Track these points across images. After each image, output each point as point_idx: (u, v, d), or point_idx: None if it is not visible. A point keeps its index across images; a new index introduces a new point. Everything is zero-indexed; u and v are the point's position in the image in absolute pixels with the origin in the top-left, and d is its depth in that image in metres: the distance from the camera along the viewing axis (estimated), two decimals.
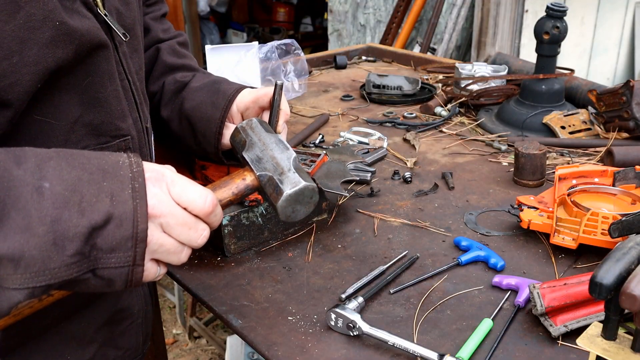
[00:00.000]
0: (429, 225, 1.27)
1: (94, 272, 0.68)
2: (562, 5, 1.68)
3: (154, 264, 0.74)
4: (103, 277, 0.69)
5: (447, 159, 1.60)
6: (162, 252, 0.73)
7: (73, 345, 0.89)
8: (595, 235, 1.10)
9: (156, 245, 0.72)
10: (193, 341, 3.00)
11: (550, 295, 0.93)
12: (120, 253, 0.69)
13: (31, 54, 0.72)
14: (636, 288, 0.65)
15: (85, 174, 0.69)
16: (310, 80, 2.27)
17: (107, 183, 0.69)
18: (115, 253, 0.68)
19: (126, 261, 0.69)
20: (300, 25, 7.03)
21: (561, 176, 1.28)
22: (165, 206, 0.72)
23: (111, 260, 0.68)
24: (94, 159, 0.71)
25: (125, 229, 0.68)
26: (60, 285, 0.67)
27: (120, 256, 0.69)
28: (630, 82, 1.56)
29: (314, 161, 1.24)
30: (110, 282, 0.70)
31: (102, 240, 0.67)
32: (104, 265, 0.68)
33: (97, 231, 0.67)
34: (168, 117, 1.17)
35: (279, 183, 0.82)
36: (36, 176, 0.66)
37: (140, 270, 0.71)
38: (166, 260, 0.75)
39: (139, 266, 0.71)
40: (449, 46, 3.74)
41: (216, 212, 0.77)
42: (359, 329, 0.94)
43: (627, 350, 0.70)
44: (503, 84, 1.95)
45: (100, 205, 0.68)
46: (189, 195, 0.74)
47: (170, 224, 0.73)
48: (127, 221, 0.68)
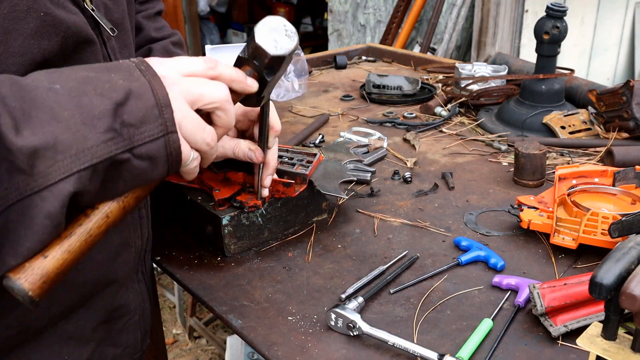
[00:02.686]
0: (429, 225, 1.27)
1: (132, 151, 0.69)
2: (562, 5, 1.68)
3: (186, 144, 0.75)
4: (143, 156, 0.70)
5: (447, 159, 1.60)
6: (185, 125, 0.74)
7: (71, 344, 0.89)
8: (595, 235, 1.10)
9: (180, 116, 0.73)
10: (193, 341, 3.00)
11: (550, 295, 0.93)
12: (151, 124, 0.70)
13: (16, 45, 0.72)
14: (636, 288, 0.65)
15: (92, 72, 0.71)
16: (310, 80, 2.27)
17: (114, 75, 0.71)
18: (146, 125, 0.70)
19: (159, 130, 0.70)
20: (300, 25, 7.03)
21: (561, 176, 1.28)
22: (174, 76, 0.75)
23: (144, 134, 0.69)
24: (97, 64, 0.74)
25: (147, 99, 0.70)
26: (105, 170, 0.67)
27: (151, 127, 0.70)
28: (630, 82, 1.56)
29: (310, 162, 1.24)
30: (152, 161, 0.71)
31: (129, 115, 0.68)
32: (139, 141, 0.69)
33: (121, 107, 0.68)
34: None
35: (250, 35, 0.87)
36: (46, 82, 0.67)
37: (176, 139, 0.72)
38: (193, 138, 0.75)
39: (173, 133, 0.72)
40: (449, 46, 3.74)
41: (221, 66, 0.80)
42: (359, 329, 0.94)
43: (627, 350, 0.70)
44: (503, 84, 1.95)
45: (116, 85, 0.69)
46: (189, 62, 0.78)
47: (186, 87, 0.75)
48: (146, 93, 0.70)
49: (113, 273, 0.91)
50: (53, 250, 0.67)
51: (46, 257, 0.66)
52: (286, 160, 1.24)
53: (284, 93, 2.02)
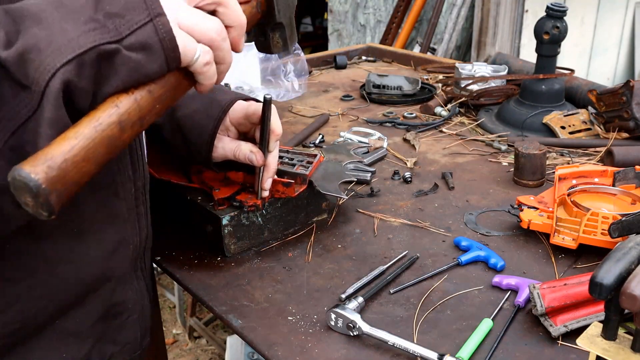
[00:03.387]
0: (429, 225, 1.27)
1: (121, 42, 0.66)
2: (562, 5, 1.68)
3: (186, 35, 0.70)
4: (133, 46, 0.66)
5: (447, 159, 1.60)
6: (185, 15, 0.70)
7: (70, 341, 0.89)
8: (595, 235, 1.10)
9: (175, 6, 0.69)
10: (193, 341, 3.00)
11: (550, 295, 0.93)
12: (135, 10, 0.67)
13: None
14: (636, 288, 0.65)
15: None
16: (310, 80, 2.27)
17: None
18: (130, 12, 0.66)
19: (145, 15, 0.67)
20: (300, 25, 7.03)
21: (561, 176, 1.28)
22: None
23: (131, 22, 0.66)
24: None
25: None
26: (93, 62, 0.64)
27: (136, 13, 0.67)
28: (630, 82, 1.56)
29: (310, 162, 1.24)
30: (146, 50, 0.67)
31: (111, 5, 0.66)
32: (127, 30, 0.66)
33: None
34: (160, 123, 1.16)
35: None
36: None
37: (165, 21, 0.68)
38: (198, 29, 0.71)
39: (161, 15, 0.67)
40: (449, 46, 3.74)
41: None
42: (359, 329, 0.94)
43: (627, 350, 0.70)
44: (503, 84, 1.95)
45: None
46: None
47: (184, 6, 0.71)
48: None
49: (110, 270, 0.91)
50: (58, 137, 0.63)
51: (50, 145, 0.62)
52: (286, 161, 1.24)
53: (284, 93, 2.02)
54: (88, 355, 0.92)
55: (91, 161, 0.64)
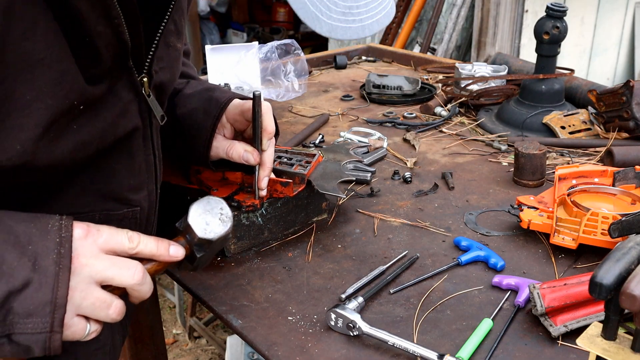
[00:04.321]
0: (429, 225, 1.27)
1: (10, 337, 0.67)
2: (562, 5, 1.68)
3: (82, 320, 0.73)
4: (19, 343, 0.68)
5: (447, 159, 1.60)
6: (87, 306, 0.72)
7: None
8: (595, 235, 1.10)
9: (80, 298, 0.71)
10: (193, 341, 3.00)
11: (550, 295, 0.93)
12: (38, 319, 0.67)
13: None
14: (636, 288, 0.65)
15: (11, 237, 0.69)
16: (310, 80, 2.27)
17: (32, 247, 0.69)
18: (32, 318, 0.67)
19: (43, 327, 0.68)
20: (300, 25, 7.03)
21: (561, 176, 1.28)
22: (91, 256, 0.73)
23: (28, 326, 0.67)
24: (23, 222, 0.71)
25: (44, 293, 0.68)
26: None
27: (37, 322, 0.68)
28: (630, 82, 1.56)
29: (309, 162, 1.24)
30: (27, 349, 0.68)
31: (19, 305, 0.66)
32: (20, 330, 0.67)
33: (15, 295, 0.66)
34: None
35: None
36: None
37: (58, 338, 0.69)
38: (94, 316, 0.74)
39: (57, 333, 0.69)
40: (449, 46, 3.74)
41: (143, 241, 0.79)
42: (359, 329, 0.94)
43: (627, 350, 0.70)
44: (503, 84, 1.95)
45: (21, 269, 0.67)
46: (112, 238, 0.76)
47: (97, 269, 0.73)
48: (46, 286, 0.68)
49: None
50: None
51: None
52: (285, 161, 1.24)
53: (284, 93, 2.02)
54: None
55: None
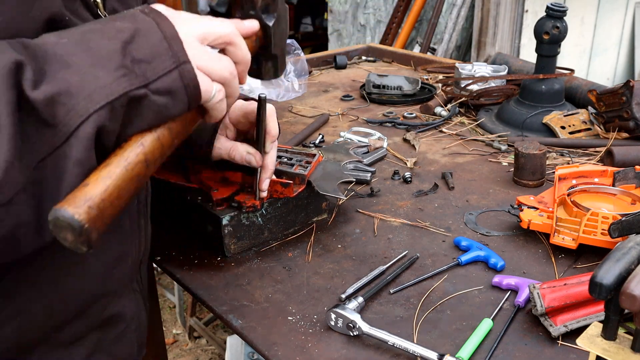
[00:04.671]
0: (429, 225, 1.27)
1: (148, 87, 0.69)
2: (562, 5, 1.68)
3: (204, 75, 0.75)
4: (160, 91, 0.70)
5: (447, 159, 1.60)
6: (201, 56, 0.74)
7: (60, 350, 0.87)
8: (595, 235, 1.10)
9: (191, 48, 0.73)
10: (193, 341, 3.00)
11: (550, 295, 0.93)
12: (162, 57, 0.70)
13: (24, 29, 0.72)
14: (636, 288, 0.65)
15: (98, 24, 0.72)
16: (310, 80, 2.27)
17: (120, 22, 0.71)
18: (157, 59, 0.70)
19: (171, 62, 0.71)
20: (300, 25, 7.03)
21: (561, 176, 1.28)
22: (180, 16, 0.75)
23: (157, 68, 0.70)
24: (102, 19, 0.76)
25: (154, 34, 0.71)
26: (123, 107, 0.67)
27: (163, 60, 0.70)
28: (630, 82, 1.56)
29: (309, 162, 1.24)
30: (171, 95, 0.71)
31: (137, 52, 0.69)
32: (154, 76, 0.69)
33: (129, 45, 0.69)
34: None
35: None
36: (53, 38, 0.68)
37: (190, 68, 0.72)
38: (212, 69, 0.75)
39: (186, 63, 0.72)
40: (449, 46, 3.74)
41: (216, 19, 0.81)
42: (359, 329, 0.94)
43: (627, 350, 0.70)
44: (503, 84, 1.95)
45: (124, 26, 0.70)
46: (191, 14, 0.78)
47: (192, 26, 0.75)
48: (152, 29, 0.71)
49: (109, 283, 0.90)
50: (91, 177, 0.66)
51: (87, 185, 0.65)
52: (285, 161, 1.24)
53: (284, 93, 2.02)
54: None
55: (123, 198, 0.68)
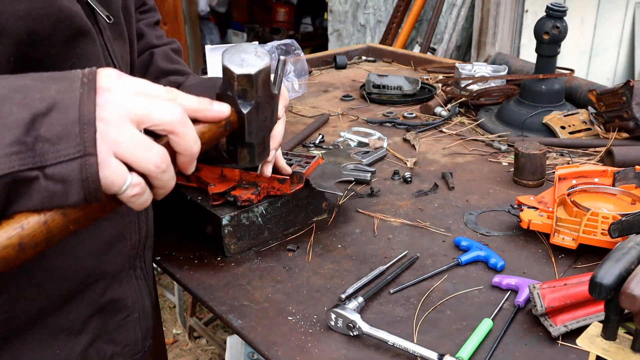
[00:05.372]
0: (429, 225, 1.27)
1: (43, 170, 0.62)
2: (562, 5, 1.68)
3: (121, 165, 0.65)
4: (54, 177, 0.62)
5: (447, 159, 1.60)
6: (124, 142, 0.65)
7: (62, 337, 0.88)
8: (595, 235, 1.10)
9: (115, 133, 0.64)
10: (193, 341, 3.00)
11: (550, 295, 0.93)
12: (68, 142, 0.62)
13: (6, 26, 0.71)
14: (636, 288, 0.65)
15: (36, 81, 0.65)
16: (310, 80, 2.27)
17: (55, 84, 0.65)
18: (63, 142, 0.62)
19: (75, 150, 0.62)
20: (300, 25, 7.03)
21: (561, 176, 1.28)
22: (124, 92, 0.67)
23: (59, 153, 0.62)
24: (44, 73, 0.67)
25: (70, 113, 0.62)
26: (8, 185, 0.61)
27: (68, 145, 0.62)
28: (630, 82, 1.56)
29: (308, 162, 1.24)
30: (65, 186, 0.63)
31: (46, 129, 0.61)
32: (53, 160, 0.62)
33: (40, 118, 0.61)
34: None
35: None
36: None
37: (94, 162, 0.63)
38: (133, 156, 0.66)
39: (91, 156, 0.63)
40: (449, 46, 3.74)
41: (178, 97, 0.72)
42: (359, 329, 0.94)
43: (627, 350, 0.70)
44: (503, 84, 1.95)
45: (45, 96, 0.63)
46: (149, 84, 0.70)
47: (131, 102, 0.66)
48: (72, 106, 0.63)
49: (105, 265, 0.90)
50: None
51: None
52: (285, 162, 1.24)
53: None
54: (85, 354, 0.91)
55: None
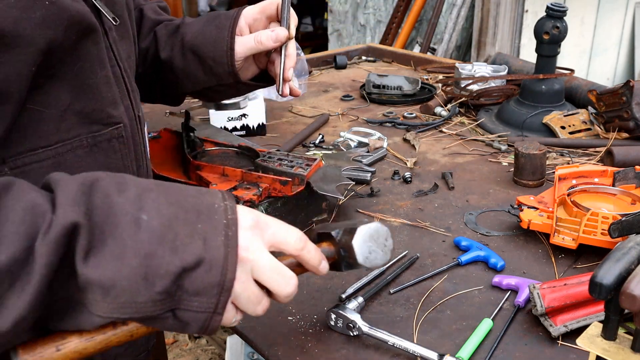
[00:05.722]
0: (429, 225, 1.27)
1: (174, 312, 0.68)
2: (562, 5, 1.68)
3: (232, 308, 0.73)
4: (181, 319, 0.69)
5: (447, 159, 1.60)
6: (243, 298, 0.72)
7: None
8: (595, 235, 1.10)
9: (240, 289, 0.71)
10: (193, 341, 3.00)
11: (550, 295, 0.93)
12: (204, 298, 0.68)
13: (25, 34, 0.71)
14: (636, 288, 0.65)
15: (181, 212, 0.69)
16: (310, 80, 2.27)
17: (201, 225, 0.69)
18: (199, 297, 0.68)
19: (208, 307, 0.68)
20: (301, 25, 7.03)
21: (561, 176, 1.28)
22: (256, 250, 0.72)
23: (194, 304, 0.68)
24: (190, 197, 0.71)
25: (214, 275, 0.68)
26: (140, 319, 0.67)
27: (203, 301, 0.68)
28: (630, 82, 1.56)
29: (309, 164, 1.24)
30: (185, 325, 0.69)
31: (189, 283, 0.67)
32: (186, 307, 0.68)
33: (187, 272, 0.66)
34: (169, 56, 1.15)
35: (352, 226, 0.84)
36: (135, 206, 0.67)
37: (218, 320, 0.70)
38: (244, 308, 0.73)
39: (219, 315, 0.70)
40: (449, 46, 3.74)
41: (309, 248, 0.78)
42: (359, 329, 0.94)
43: (627, 350, 0.70)
44: (503, 84, 1.95)
45: (193, 246, 0.67)
46: (283, 234, 0.76)
47: (259, 267, 0.72)
48: (216, 267, 0.68)
49: None
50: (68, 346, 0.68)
51: (59, 350, 0.67)
52: (286, 163, 1.24)
53: None
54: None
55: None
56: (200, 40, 1.12)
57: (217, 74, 1.13)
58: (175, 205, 0.69)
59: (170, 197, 0.70)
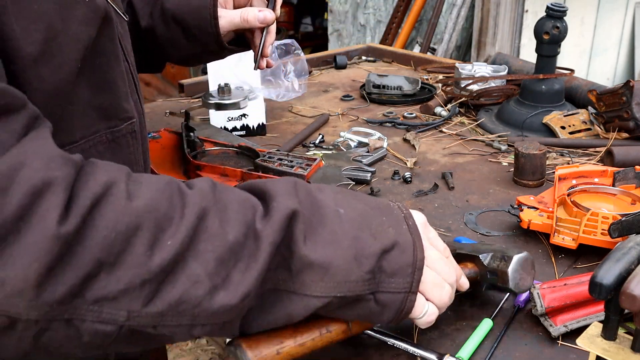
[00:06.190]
0: None
1: (375, 294, 0.75)
2: (562, 5, 1.68)
3: (422, 297, 0.79)
4: (380, 302, 0.75)
5: (447, 159, 1.60)
6: (429, 282, 0.79)
7: None
8: (595, 235, 1.10)
9: (425, 272, 0.78)
10: (193, 341, 3.00)
11: (550, 295, 0.93)
12: (400, 279, 0.75)
13: (70, 32, 0.73)
14: (636, 288, 0.64)
15: (368, 207, 0.78)
16: (310, 80, 2.27)
17: (386, 218, 0.77)
18: (396, 278, 0.75)
19: (404, 287, 0.75)
20: (300, 25, 7.03)
21: (561, 176, 1.28)
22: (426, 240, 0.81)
23: (391, 285, 0.75)
24: (369, 197, 0.82)
25: (407, 255, 0.76)
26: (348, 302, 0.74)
27: (399, 281, 0.75)
28: (630, 82, 1.56)
29: (309, 165, 1.24)
30: (383, 309, 0.76)
31: (387, 264, 0.74)
32: (385, 289, 0.75)
33: (385, 254, 0.74)
34: (149, 24, 1.14)
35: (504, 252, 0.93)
36: (333, 202, 0.75)
37: (413, 299, 0.77)
38: (431, 294, 0.80)
39: (414, 294, 0.76)
40: (449, 46, 3.74)
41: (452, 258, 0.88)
42: None
43: (627, 350, 0.70)
44: (503, 84, 1.95)
45: (387, 232, 0.76)
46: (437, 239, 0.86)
47: (432, 259, 0.81)
48: (408, 249, 0.76)
49: None
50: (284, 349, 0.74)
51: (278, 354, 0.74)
52: (286, 163, 1.24)
53: (284, 93, 2.02)
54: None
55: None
56: (182, 9, 1.12)
57: (202, 41, 1.13)
58: (362, 202, 0.78)
59: (355, 196, 0.80)
